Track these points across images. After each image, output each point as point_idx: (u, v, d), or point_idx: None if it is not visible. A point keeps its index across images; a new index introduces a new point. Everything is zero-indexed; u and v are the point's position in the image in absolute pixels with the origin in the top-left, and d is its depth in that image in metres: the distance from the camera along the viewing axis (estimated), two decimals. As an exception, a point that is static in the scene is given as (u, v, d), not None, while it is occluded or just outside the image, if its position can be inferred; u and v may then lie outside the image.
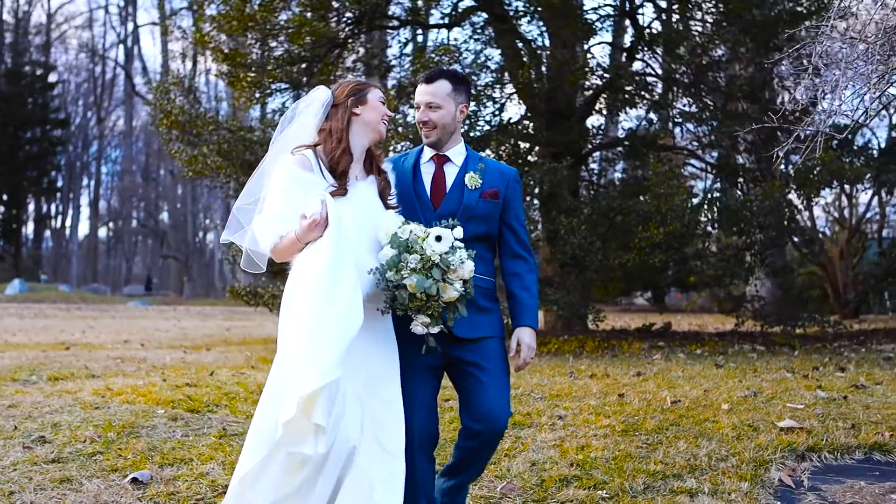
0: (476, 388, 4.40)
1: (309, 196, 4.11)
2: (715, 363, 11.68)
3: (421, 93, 4.61)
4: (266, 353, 14.07)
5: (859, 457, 6.55)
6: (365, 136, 4.42)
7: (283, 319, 4.04)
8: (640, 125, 18.21)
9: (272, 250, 4.21)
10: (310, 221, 4.00)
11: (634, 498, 5.51)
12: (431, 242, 4.06)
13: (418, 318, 4.09)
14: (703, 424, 7.18)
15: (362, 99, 4.40)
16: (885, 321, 22.80)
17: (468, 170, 4.62)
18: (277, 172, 4.24)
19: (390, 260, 4.05)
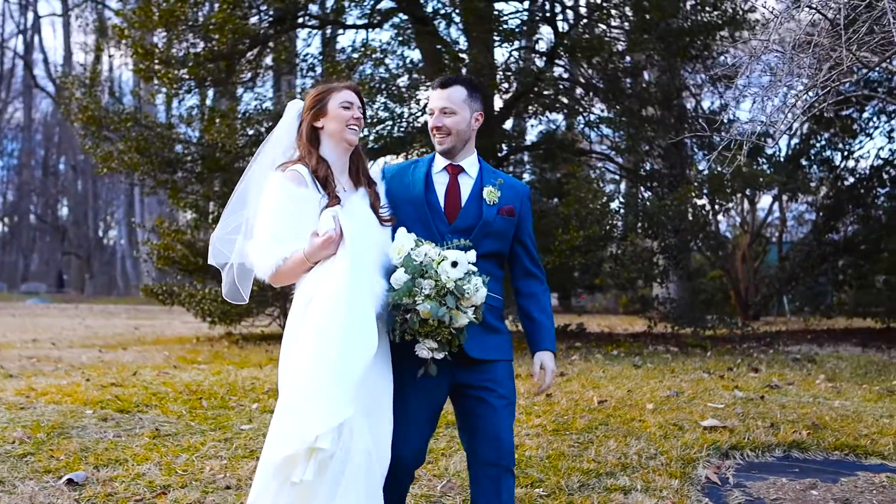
0: (485, 411, 4.22)
1: (307, 212, 3.97)
2: (633, 364, 11.94)
3: (435, 98, 4.44)
4: (183, 353, 13.90)
5: (779, 454, 6.83)
6: (335, 148, 4.25)
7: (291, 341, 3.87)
8: (557, 129, 18.50)
9: (274, 274, 3.98)
10: (324, 239, 3.84)
11: (571, 495, 5.66)
12: (447, 268, 3.92)
13: (425, 342, 3.94)
14: (631, 424, 7.38)
15: (322, 110, 4.23)
16: (785, 323, 23.52)
17: (485, 183, 4.45)
18: (269, 191, 4.04)
19: (404, 286, 3.90)
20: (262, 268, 3.99)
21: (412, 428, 4.20)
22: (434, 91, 4.47)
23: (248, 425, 6.99)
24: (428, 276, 3.89)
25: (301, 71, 17.65)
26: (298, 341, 3.82)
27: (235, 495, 5.53)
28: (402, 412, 4.14)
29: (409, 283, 3.89)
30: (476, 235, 4.28)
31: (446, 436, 6.84)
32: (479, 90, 4.58)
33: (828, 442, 7.04)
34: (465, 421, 4.32)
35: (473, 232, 4.29)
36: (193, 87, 16.44)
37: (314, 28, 17.91)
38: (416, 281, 3.89)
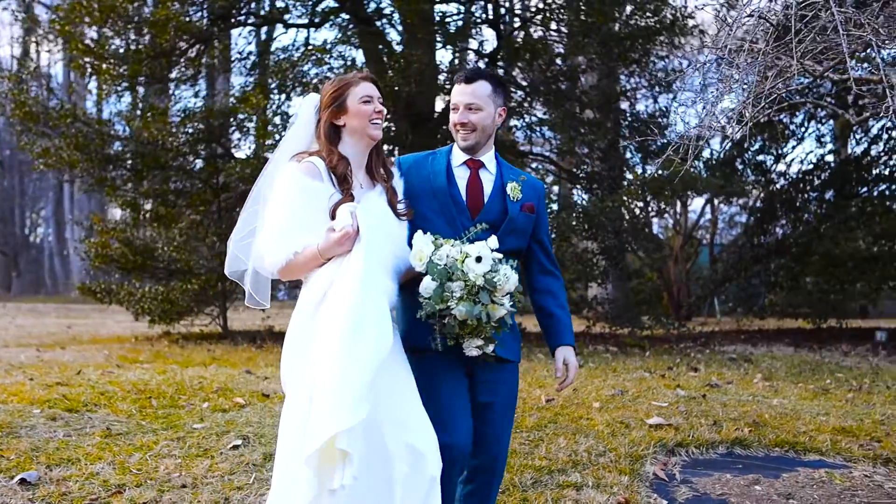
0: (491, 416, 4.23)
1: (319, 205, 3.85)
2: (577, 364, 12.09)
3: (459, 93, 4.32)
4: (124, 352, 13.73)
5: (723, 451, 7.01)
6: (357, 144, 4.09)
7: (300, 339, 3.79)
8: (498, 130, 18.59)
9: (284, 268, 3.86)
10: (341, 235, 3.70)
11: (525, 492, 5.75)
12: (472, 265, 3.79)
13: (471, 342, 3.84)
14: (579, 422, 7.51)
15: (342, 107, 4.05)
16: (717, 323, 23.96)
17: (507, 179, 4.37)
18: (282, 182, 3.91)
19: (435, 293, 3.78)
20: (272, 261, 3.87)
21: (457, 414, 4.11)
22: (458, 85, 4.35)
23: (200, 424, 6.97)
24: (456, 278, 3.79)
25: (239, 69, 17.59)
26: (311, 340, 3.70)
27: (192, 493, 5.52)
28: (441, 403, 4.07)
29: (439, 289, 3.78)
30: (503, 232, 4.22)
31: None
32: (504, 85, 4.49)
33: (768, 439, 7.24)
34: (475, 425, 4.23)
35: (500, 229, 4.22)
36: (133, 83, 16.25)
37: (256, 26, 17.84)
38: (446, 285, 3.77)
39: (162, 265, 16.24)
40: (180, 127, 16.23)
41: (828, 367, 12.56)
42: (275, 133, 15.36)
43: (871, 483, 6.43)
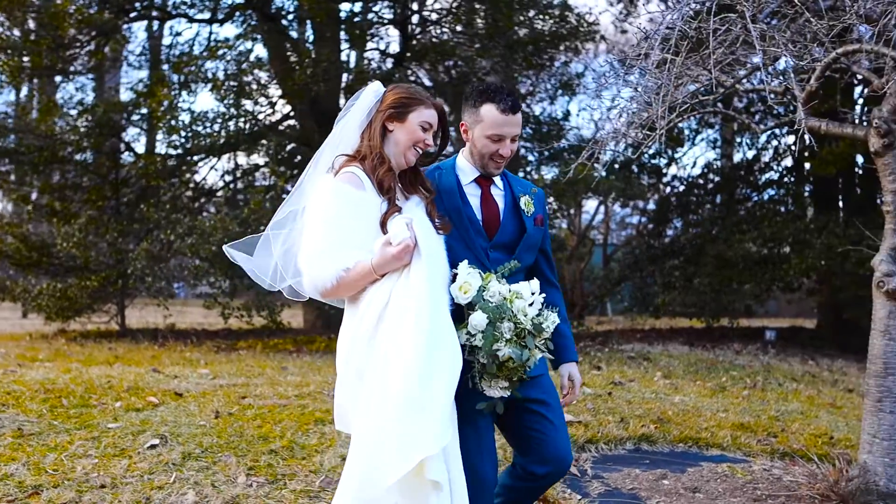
0: (546, 428, 4.09)
1: (368, 216, 3.66)
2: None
3: (507, 123, 4.06)
4: (21, 351, 13.37)
5: (630, 447, 7.25)
6: (392, 157, 3.86)
7: (360, 367, 3.56)
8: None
9: (335, 287, 3.62)
10: (401, 248, 3.51)
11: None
12: (521, 306, 3.65)
13: (498, 383, 3.71)
14: (493, 420, 7.64)
15: (402, 116, 3.84)
16: (610, 322, 24.49)
17: (518, 192, 4.24)
18: (323, 198, 3.68)
19: (489, 333, 3.60)
20: (320, 280, 3.62)
21: (487, 444, 4.04)
22: (503, 115, 4.06)
23: (115, 424, 6.88)
24: (507, 319, 3.62)
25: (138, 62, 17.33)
26: (373, 366, 3.50)
27: (112, 494, 5.48)
28: (476, 431, 3.96)
29: (490, 327, 3.60)
30: (520, 250, 4.14)
31: (317, 432, 6.93)
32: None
33: (673, 435, 7.51)
34: (523, 437, 4.15)
35: (518, 247, 4.14)
36: (34, 75, 15.85)
37: (158, 20, 17.58)
38: (496, 325, 3.60)
39: (58, 261, 15.88)
40: (78, 120, 15.90)
41: (722, 365, 13.01)
42: (180, 129, 15.16)
43: (770, 476, 6.74)
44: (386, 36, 17.89)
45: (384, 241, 3.57)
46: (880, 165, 5.88)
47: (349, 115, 3.91)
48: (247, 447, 6.40)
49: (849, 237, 15.95)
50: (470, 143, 4.18)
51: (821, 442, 7.72)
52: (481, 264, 3.97)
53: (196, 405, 7.62)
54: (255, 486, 5.72)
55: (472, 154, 4.18)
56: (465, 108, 4.22)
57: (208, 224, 13.91)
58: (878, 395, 5.92)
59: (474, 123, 4.12)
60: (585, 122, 11.79)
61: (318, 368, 11.06)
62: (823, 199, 19.56)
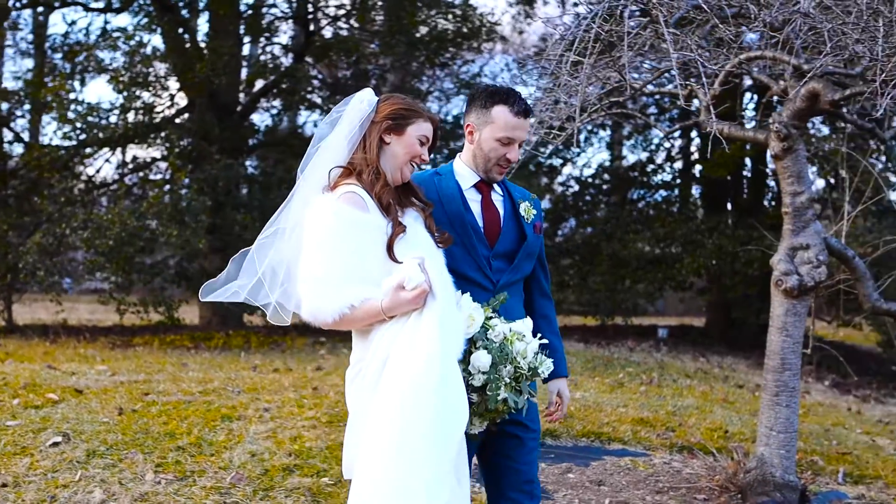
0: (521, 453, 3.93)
1: (373, 241, 3.41)
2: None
3: (518, 127, 3.91)
4: None
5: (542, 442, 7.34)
6: (388, 171, 3.60)
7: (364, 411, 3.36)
8: (304, 125, 18.64)
9: (338, 322, 3.35)
10: (416, 294, 3.27)
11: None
12: (522, 349, 3.47)
13: (481, 423, 3.54)
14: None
15: (399, 128, 3.60)
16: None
17: (517, 198, 4.06)
18: (322, 220, 3.40)
19: (490, 374, 3.41)
20: (321, 313, 3.36)
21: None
22: (516, 118, 3.91)
23: (14, 421, 6.68)
24: (508, 362, 3.45)
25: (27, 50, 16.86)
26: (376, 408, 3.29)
27: (15, 493, 5.37)
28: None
29: (493, 371, 3.42)
30: (521, 258, 3.98)
31: (224, 429, 6.88)
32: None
33: (576, 430, 7.67)
34: (493, 459, 4.00)
35: (518, 254, 3.97)
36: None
37: (55, 8, 17.10)
38: (497, 368, 3.43)
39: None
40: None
41: (618, 361, 13.27)
42: (76, 120, 14.78)
43: (671, 469, 6.94)
44: (288, 31, 17.76)
45: (397, 285, 3.31)
46: (779, 168, 6.10)
47: (339, 124, 3.61)
48: (153, 444, 6.31)
49: (738, 238, 16.47)
50: (474, 146, 3.97)
51: (716, 436, 7.98)
52: (483, 273, 3.87)
53: (98, 402, 7.45)
54: (163, 482, 5.64)
55: (476, 157, 3.98)
56: (471, 109, 4.01)
57: (105, 218, 13.56)
58: (775, 389, 6.14)
59: (483, 125, 3.93)
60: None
61: (218, 365, 10.93)
62: (714, 200, 20.13)
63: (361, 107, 3.61)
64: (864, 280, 6.24)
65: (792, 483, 6.10)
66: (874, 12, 4.94)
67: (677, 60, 5.33)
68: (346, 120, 3.60)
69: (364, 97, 3.65)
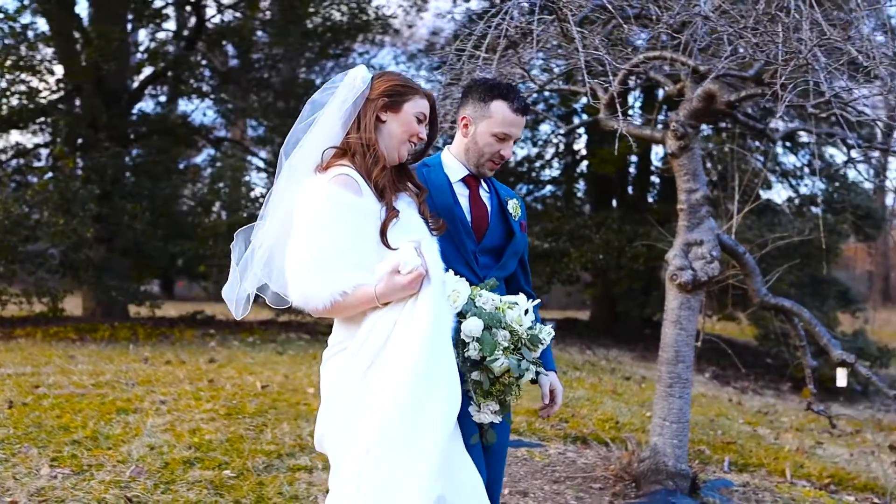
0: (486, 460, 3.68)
1: (367, 226, 3.27)
2: (276, 350, 12.21)
3: (515, 124, 3.84)
4: None
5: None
6: (385, 151, 3.45)
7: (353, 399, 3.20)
8: (192, 113, 18.35)
9: (329, 309, 3.21)
10: (411, 279, 3.14)
11: (259, 476, 5.85)
12: (516, 316, 3.36)
13: (488, 405, 3.40)
14: (298, 407, 7.67)
15: (396, 105, 3.45)
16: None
17: (504, 196, 3.98)
18: (315, 202, 3.25)
19: (484, 337, 3.28)
20: (311, 299, 3.22)
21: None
22: (514, 115, 3.84)
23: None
24: (503, 326, 3.33)
25: None
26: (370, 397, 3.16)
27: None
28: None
29: (487, 333, 3.28)
30: (508, 255, 3.90)
31: (120, 422, 6.76)
32: None
33: (472, 422, 7.72)
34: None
35: (506, 251, 3.89)
36: None
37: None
38: (492, 332, 3.29)
39: None
40: None
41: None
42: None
43: (566, 459, 7.08)
44: (180, 17, 17.40)
45: (392, 269, 3.17)
46: (676, 166, 6.27)
47: (330, 103, 3.43)
48: (47, 438, 6.18)
49: (624, 233, 16.84)
50: (468, 139, 3.86)
51: (608, 426, 8.18)
52: (470, 268, 3.75)
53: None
54: (60, 477, 5.51)
55: (468, 151, 3.87)
56: (468, 101, 3.90)
57: (-12, 205, 13.08)
58: (669, 380, 6.31)
59: (480, 118, 3.82)
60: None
61: (108, 357, 10.69)
62: (600, 196, 20.53)
63: (356, 84, 3.44)
64: (753, 275, 6.47)
65: (684, 472, 6.29)
66: (771, 18, 5.12)
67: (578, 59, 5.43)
68: (338, 98, 3.42)
69: (358, 74, 3.47)
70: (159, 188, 15.09)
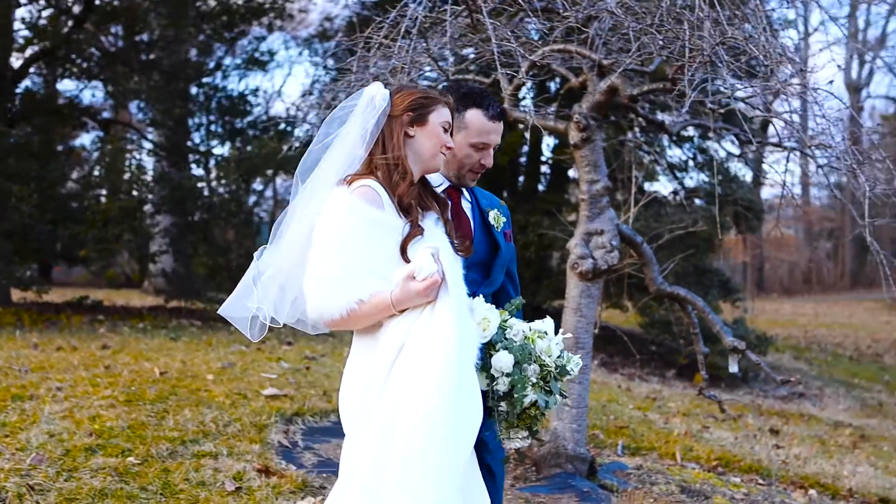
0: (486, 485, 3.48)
1: (386, 241, 3.21)
2: (170, 337, 12.03)
3: (495, 131, 3.76)
4: None
5: (335, 419, 7.46)
6: (414, 165, 3.38)
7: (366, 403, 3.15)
8: (78, 95, 17.80)
9: (345, 319, 3.17)
10: (427, 284, 3.09)
11: (164, 462, 5.82)
12: (545, 346, 3.28)
13: (518, 433, 3.33)
14: (198, 393, 7.60)
15: (422, 118, 3.37)
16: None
17: (485, 206, 3.88)
18: (335, 214, 3.20)
19: (515, 374, 3.22)
20: (326, 310, 3.17)
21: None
22: (491, 122, 3.75)
23: None
24: (533, 361, 3.26)
25: None
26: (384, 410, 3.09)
27: None
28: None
29: (518, 370, 3.23)
30: (496, 269, 3.81)
31: (16, 409, 6.62)
32: None
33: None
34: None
35: (494, 266, 3.80)
36: None
37: None
38: (521, 367, 3.24)
39: None
40: None
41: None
42: None
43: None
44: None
45: (407, 275, 3.14)
46: (578, 157, 6.43)
47: (349, 122, 3.36)
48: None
49: (516, 223, 17.05)
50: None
51: (506, 411, 8.30)
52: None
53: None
54: (-44, 467, 5.36)
55: (448, 163, 3.75)
56: None
57: None
58: (570, 366, 6.47)
59: (456, 130, 3.67)
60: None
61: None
62: (491, 186, 20.73)
63: (376, 102, 3.34)
64: (650, 265, 6.68)
65: (583, 455, 6.48)
66: (676, 17, 5.30)
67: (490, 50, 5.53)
68: (357, 116, 3.35)
69: (376, 92, 3.37)
70: (47, 170, 14.65)
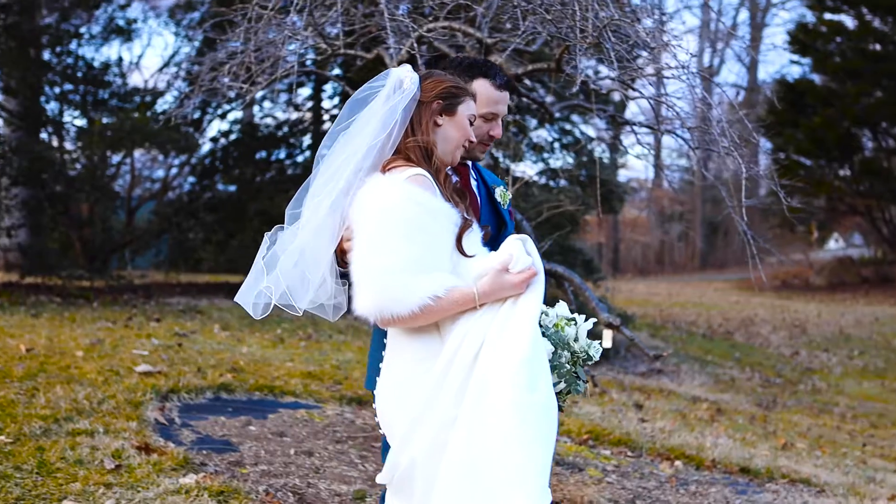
0: None
1: (446, 231, 3.03)
2: (30, 313, 11.63)
3: (502, 100, 3.67)
4: None
5: (211, 396, 7.41)
6: (441, 157, 3.26)
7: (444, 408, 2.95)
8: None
9: (419, 314, 2.95)
10: (524, 277, 2.98)
11: (38, 441, 5.64)
12: (573, 333, 3.17)
13: None
14: (69, 371, 7.40)
15: (452, 108, 3.24)
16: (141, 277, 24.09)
17: (490, 183, 3.80)
18: (393, 200, 2.99)
19: (553, 361, 3.10)
20: (395, 305, 2.94)
21: None
22: (498, 91, 3.67)
23: None
24: (566, 347, 3.15)
25: None
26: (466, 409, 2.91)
27: None
28: None
29: (555, 356, 3.12)
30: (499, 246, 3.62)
31: None
32: None
33: (249, 384, 7.79)
34: None
35: (500, 242, 3.46)
36: None
37: None
38: (557, 354, 3.13)
39: None
40: None
41: (274, 318, 13.44)
42: None
43: (345, 420, 7.26)
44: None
45: (500, 266, 3.01)
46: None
47: (373, 105, 3.21)
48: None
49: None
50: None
51: (381, 387, 8.37)
52: None
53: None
54: None
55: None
56: None
57: None
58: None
59: None
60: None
61: None
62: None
63: (405, 86, 3.20)
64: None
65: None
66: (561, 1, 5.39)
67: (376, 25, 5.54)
68: (382, 99, 3.19)
69: (406, 75, 3.22)
70: None
